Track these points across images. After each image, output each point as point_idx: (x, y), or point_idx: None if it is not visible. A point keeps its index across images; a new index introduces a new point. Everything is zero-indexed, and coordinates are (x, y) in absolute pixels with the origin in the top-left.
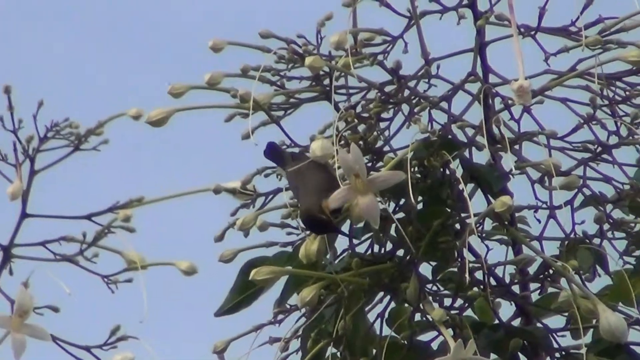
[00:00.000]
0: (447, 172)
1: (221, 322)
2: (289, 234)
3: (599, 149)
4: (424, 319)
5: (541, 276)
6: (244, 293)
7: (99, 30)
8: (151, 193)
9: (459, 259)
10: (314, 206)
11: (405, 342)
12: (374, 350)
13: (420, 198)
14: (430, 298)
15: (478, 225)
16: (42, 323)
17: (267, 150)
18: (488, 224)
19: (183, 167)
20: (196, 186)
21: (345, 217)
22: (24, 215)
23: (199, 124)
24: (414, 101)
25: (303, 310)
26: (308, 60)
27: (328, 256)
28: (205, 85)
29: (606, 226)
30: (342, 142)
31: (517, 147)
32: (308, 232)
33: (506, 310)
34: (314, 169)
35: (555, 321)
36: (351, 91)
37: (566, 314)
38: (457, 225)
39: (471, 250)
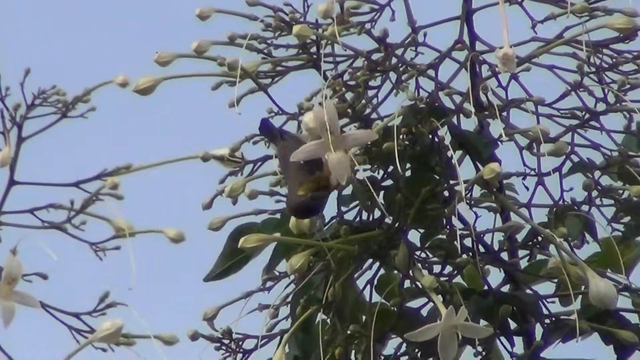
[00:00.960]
0: (436, 139)
1: (210, 290)
2: (277, 201)
3: (587, 115)
4: (414, 285)
5: (530, 243)
6: (232, 259)
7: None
8: (139, 160)
9: (448, 227)
10: (293, 197)
11: (395, 308)
12: (364, 317)
13: (408, 165)
14: (420, 265)
15: (467, 192)
16: (31, 290)
17: (261, 127)
18: (477, 191)
19: (171, 134)
20: (184, 153)
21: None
22: (12, 182)
23: (186, 92)
24: (401, 69)
25: (292, 277)
26: (295, 29)
27: (317, 223)
28: (192, 54)
29: (594, 193)
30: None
31: (504, 114)
32: None
33: (495, 277)
34: (294, 148)
35: (545, 287)
36: (338, 59)
37: (555, 280)
38: (446, 193)
39: (460, 217)
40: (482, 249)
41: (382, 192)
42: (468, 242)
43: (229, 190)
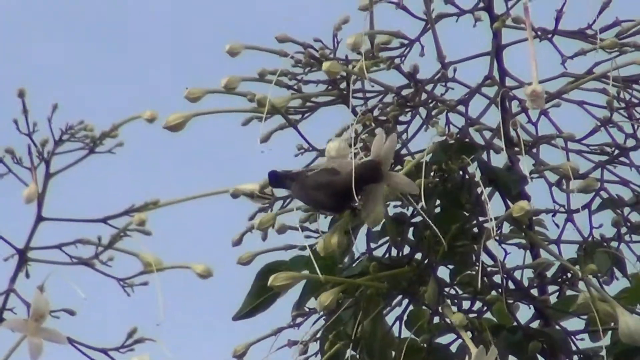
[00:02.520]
0: (466, 176)
1: (238, 325)
2: (307, 237)
3: (616, 151)
4: (443, 321)
5: (559, 279)
6: (260, 297)
7: (113, 32)
8: (167, 196)
9: (477, 263)
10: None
11: (425, 344)
12: (393, 353)
13: (438, 202)
14: (449, 301)
15: (496, 229)
16: (59, 326)
17: (271, 179)
18: (506, 228)
19: (199, 170)
20: (213, 188)
21: (362, 223)
22: (40, 218)
23: (216, 127)
24: (431, 104)
25: (321, 313)
26: (325, 65)
27: (346, 260)
28: (222, 90)
29: (624, 229)
30: (360, 144)
31: (534, 150)
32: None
33: (524, 313)
34: (320, 174)
35: (573, 323)
36: (368, 95)
37: (584, 316)
38: (475, 229)
39: (489, 253)
40: (511, 285)
41: (411, 229)
42: (497, 278)
43: (258, 222)
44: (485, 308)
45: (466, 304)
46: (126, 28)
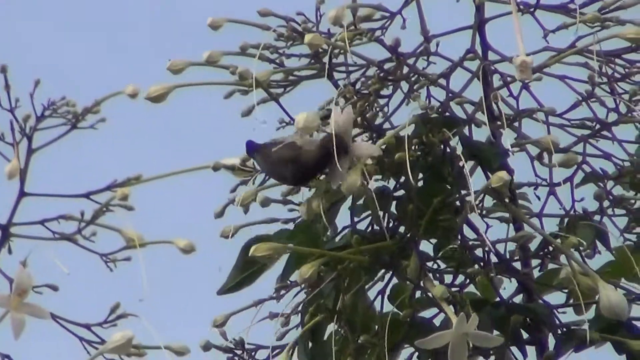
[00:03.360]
0: (447, 149)
1: (222, 300)
2: (290, 210)
3: (598, 126)
4: (425, 296)
5: (541, 253)
6: (246, 271)
7: (96, 10)
8: (149, 171)
9: (460, 237)
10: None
11: (407, 319)
12: (375, 327)
13: (420, 175)
14: (431, 275)
15: (478, 202)
16: (42, 302)
17: (247, 148)
18: (489, 202)
19: (182, 144)
20: (195, 164)
21: (344, 198)
22: (22, 194)
23: (197, 101)
24: (412, 78)
25: (303, 286)
26: (307, 37)
27: (328, 232)
28: (204, 63)
29: (606, 203)
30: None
31: (516, 124)
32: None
33: (508, 287)
34: (285, 148)
35: (557, 297)
36: (350, 69)
37: (567, 290)
38: (458, 203)
39: (472, 227)
40: (494, 259)
41: (394, 203)
42: (480, 252)
43: (240, 198)
44: (467, 282)
45: (448, 278)
46: (112, 5)
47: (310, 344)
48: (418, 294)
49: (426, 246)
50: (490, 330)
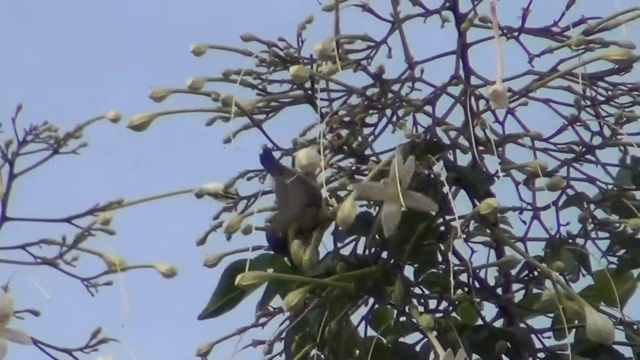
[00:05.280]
0: (432, 175)
1: (203, 325)
2: None
3: (583, 149)
4: (409, 321)
5: (525, 277)
6: (227, 296)
7: (77, 31)
8: (131, 195)
9: (444, 262)
10: (282, 225)
11: (390, 344)
12: (357, 352)
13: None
14: (415, 301)
15: (464, 228)
16: (23, 327)
17: (263, 155)
18: (471, 225)
19: (164, 170)
20: (177, 188)
21: (330, 220)
22: (4, 218)
23: (180, 127)
24: (397, 105)
25: (287, 313)
26: (293, 69)
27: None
28: (186, 89)
29: (590, 226)
30: (328, 150)
31: (500, 149)
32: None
33: (489, 310)
34: (297, 184)
35: (540, 321)
36: (333, 95)
37: (550, 314)
38: (442, 228)
39: (455, 253)
40: (477, 284)
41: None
42: (464, 277)
43: (226, 226)
44: (451, 308)
45: (432, 303)
46: (94, 29)
47: None
48: (402, 318)
49: (409, 272)
50: (471, 355)
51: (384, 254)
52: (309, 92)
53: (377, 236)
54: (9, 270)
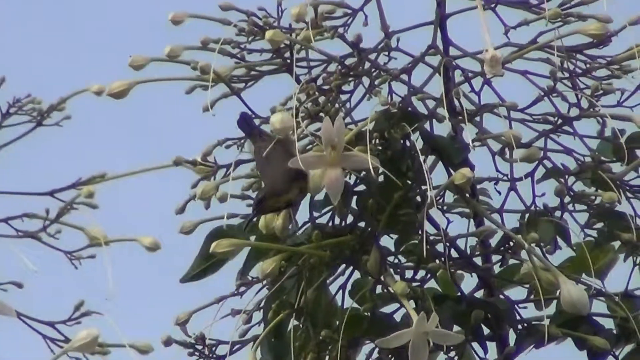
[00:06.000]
0: (408, 144)
1: (184, 297)
2: (249, 205)
3: (560, 121)
4: (386, 291)
5: (502, 248)
6: (210, 260)
7: (59, 6)
8: (114, 168)
9: (420, 232)
10: (274, 192)
11: (368, 314)
12: (337, 322)
13: (381, 170)
14: (392, 270)
15: (439, 197)
16: (6, 299)
17: (241, 120)
18: (450, 197)
19: (144, 140)
20: (159, 160)
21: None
22: None
23: (160, 97)
24: (374, 74)
25: (265, 282)
26: (268, 34)
27: (290, 227)
28: (165, 58)
29: (567, 199)
30: (303, 114)
31: (477, 119)
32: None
33: (469, 282)
34: (280, 151)
35: (518, 293)
36: (312, 64)
37: (528, 285)
38: (418, 198)
39: (432, 222)
40: (455, 255)
41: (354, 197)
42: (440, 247)
43: (200, 192)
44: (428, 277)
45: (409, 273)
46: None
47: (272, 340)
48: (379, 289)
49: (387, 242)
50: (451, 325)
51: (361, 224)
52: (288, 61)
53: (355, 206)
54: None
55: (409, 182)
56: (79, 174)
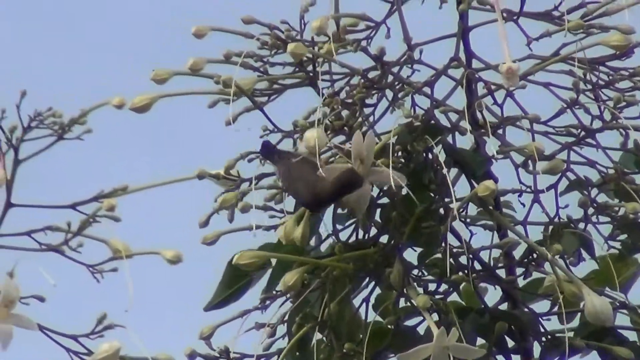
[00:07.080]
0: (430, 157)
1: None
2: (271, 217)
3: (582, 133)
4: (409, 304)
5: (525, 260)
6: (233, 286)
7: (81, 21)
8: (136, 181)
9: (443, 244)
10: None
11: (391, 327)
12: (360, 335)
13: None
14: (415, 283)
15: (462, 210)
16: (28, 313)
17: (262, 148)
18: (473, 209)
19: (167, 153)
20: (181, 173)
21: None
22: (9, 204)
23: (182, 110)
24: (397, 87)
25: (289, 295)
26: (290, 47)
27: (312, 241)
28: (188, 71)
29: (591, 210)
30: (328, 130)
31: (500, 131)
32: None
33: (493, 294)
34: (304, 164)
35: (543, 305)
36: (335, 77)
37: (551, 297)
38: (441, 210)
39: (455, 235)
40: (478, 267)
41: (378, 210)
42: (464, 259)
43: (220, 201)
44: (451, 289)
45: (433, 286)
46: (96, 15)
47: (297, 353)
48: (402, 302)
49: (411, 255)
50: (475, 338)
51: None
52: (311, 74)
53: (378, 219)
54: (14, 257)
55: (432, 195)
56: (101, 187)
